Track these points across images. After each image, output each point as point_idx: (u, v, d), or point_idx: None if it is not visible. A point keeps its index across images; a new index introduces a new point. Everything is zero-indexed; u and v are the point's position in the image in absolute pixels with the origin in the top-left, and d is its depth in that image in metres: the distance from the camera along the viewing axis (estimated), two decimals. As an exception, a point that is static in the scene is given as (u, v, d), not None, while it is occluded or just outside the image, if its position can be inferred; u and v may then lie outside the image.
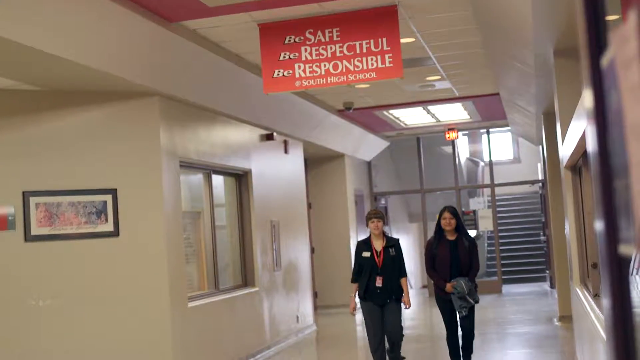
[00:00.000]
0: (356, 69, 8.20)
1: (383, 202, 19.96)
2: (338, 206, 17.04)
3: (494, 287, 18.64)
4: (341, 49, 8.23)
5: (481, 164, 23.75)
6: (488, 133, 19.70)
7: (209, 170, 10.63)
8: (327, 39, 8.27)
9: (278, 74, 8.36)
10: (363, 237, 9.11)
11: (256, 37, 8.48)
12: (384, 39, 8.12)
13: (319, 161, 16.95)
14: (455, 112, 16.14)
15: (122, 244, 8.62)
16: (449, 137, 18.05)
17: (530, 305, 16.37)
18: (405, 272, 8.60)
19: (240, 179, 11.72)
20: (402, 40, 8.50)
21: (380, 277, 8.40)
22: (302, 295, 13.74)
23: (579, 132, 5.75)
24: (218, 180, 11.21)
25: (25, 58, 6.89)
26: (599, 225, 1.34)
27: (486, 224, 19.34)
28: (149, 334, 8.67)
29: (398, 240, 8.75)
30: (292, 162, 13.81)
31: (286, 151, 13.37)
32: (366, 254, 8.51)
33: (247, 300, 11.21)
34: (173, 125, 9.22)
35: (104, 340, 8.47)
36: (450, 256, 8.63)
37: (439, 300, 8.79)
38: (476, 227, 19.12)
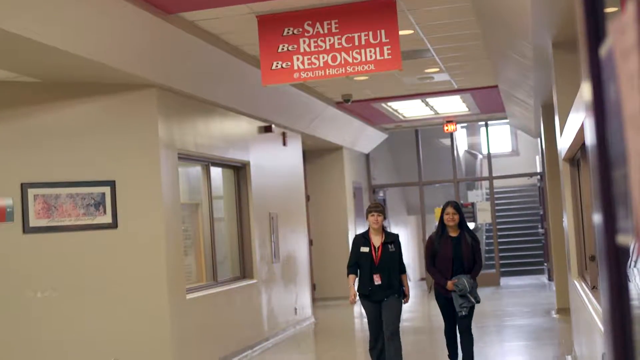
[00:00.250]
0: (355, 61, 8.19)
1: (381, 194, 19.97)
2: (336, 199, 17.06)
3: (492, 279, 18.67)
4: (340, 41, 8.22)
5: (479, 156, 23.77)
6: (486, 125, 19.71)
7: (207, 162, 10.63)
8: (326, 31, 8.26)
9: (276, 66, 8.35)
10: (361, 231, 8.96)
11: (255, 29, 8.47)
12: (383, 31, 8.11)
13: (317, 153, 16.95)
14: (453, 105, 16.13)
15: (120, 235, 8.62)
16: (447, 130, 18.05)
17: (528, 297, 16.40)
18: (404, 269, 8.29)
19: (239, 171, 11.71)
20: (401, 32, 8.49)
21: (377, 275, 8.06)
22: (301, 287, 13.75)
23: (577, 124, 5.75)
24: (216, 172, 11.21)
25: (23, 50, 6.88)
26: (597, 215, 1.34)
27: (484, 216, 19.37)
28: (147, 326, 8.68)
29: (398, 235, 8.42)
30: (291, 155, 13.80)
31: (284, 143, 13.36)
32: (364, 249, 8.17)
33: (246, 292, 11.22)
34: (171, 117, 9.22)
35: (102, 332, 8.48)
36: (453, 253, 8.35)
37: (439, 299, 8.50)
38: (474, 220, 19.13)
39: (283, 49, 8.33)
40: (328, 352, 11.57)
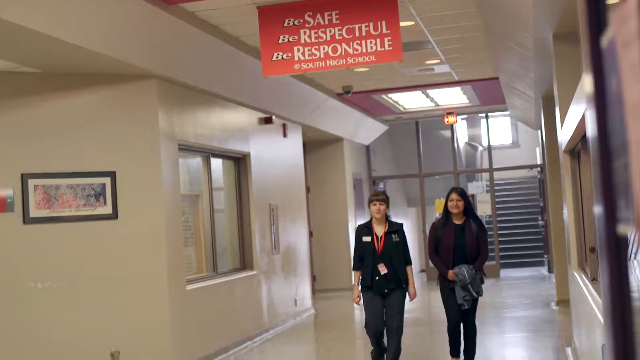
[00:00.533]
0: (355, 52, 8.17)
1: (382, 186, 19.98)
2: (336, 190, 17.06)
3: (492, 271, 18.68)
4: (340, 32, 8.20)
5: (480, 148, 23.76)
6: (487, 117, 19.70)
7: (207, 154, 10.63)
8: (327, 22, 8.24)
9: (277, 57, 8.34)
10: (363, 221, 8.82)
11: (255, 20, 8.45)
12: (384, 22, 8.09)
13: (317, 145, 16.94)
14: (454, 96, 16.12)
15: (120, 226, 8.62)
16: (447, 122, 18.03)
17: (528, 289, 16.42)
18: (410, 260, 7.93)
19: (239, 162, 11.71)
20: (402, 23, 8.48)
21: (381, 265, 7.71)
22: (301, 278, 13.76)
23: (578, 116, 5.75)
24: (217, 163, 11.21)
25: (24, 40, 6.87)
26: (598, 205, 1.34)
27: (485, 208, 19.38)
28: (147, 316, 8.69)
29: (402, 225, 8.04)
30: (291, 146, 13.80)
31: (285, 135, 13.36)
32: (366, 239, 7.83)
33: (246, 283, 11.23)
34: (172, 108, 9.21)
35: (102, 322, 8.49)
36: (455, 241, 8.00)
37: (442, 290, 8.13)
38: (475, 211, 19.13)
39: (284, 40, 8.32)
40: (328, 343, 11.59)
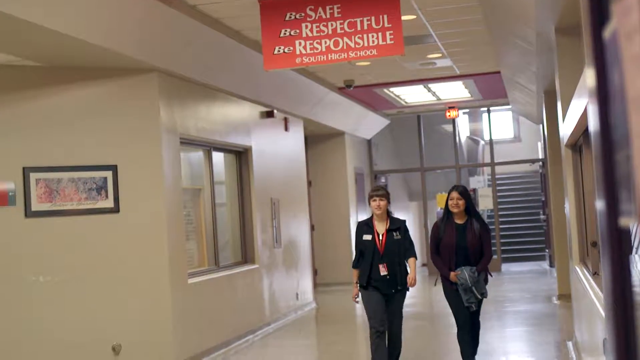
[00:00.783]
0: (357, 46, 8.16)
1: (383, 180, 19.97)
2: (338, 184, 17.06)
3: (494, 265, 18.66)
4: (342, 26, 8.19)
5: (481, 142, 23.74)
6: (489, 111, 19.69)
7: (209, 147, 10.63)
8: (328, 16, 8.22)
9: (278, 51, 8.33)
10: (364, 217, 8.66)
11: (257, 14, 8.44)
12: (385, 16, 8.08)
13: (319, 139, 16.94)
14: (456, 91, 16.11)
15: (122, 220, 8.63)
16: (449, 116, 18.02)
17: (530, 283, 16.43)
18: (414, 253, 7.60)
19: (241, 156, 11.71)
20: (403, 17, 8.46)
21: (383, 265, 7.41)
22: (302, 272, 13.77)
23: (579, 111, 5.74)
24: (218, 157, 11.21)
25: (25, 33, 6.86)
26: (600, 198, 1.34)
27: (486, 202, 19.37)
28: (148, 310, 8.70)
29: (404, 222, 7.70)
30: (293, 140, 13.80)
31: (286, 128, 13.35)
32: (367, 237, 7.51)
33: (247, 277, 11.24)
34: (173, 101, 9.21)
35: (104, 316, 8.50)
36: (456, 241, 7.70)
37: (446, 291, 7.83)
38: (476, 206, 19.14)
39: (285, 33, 8.30)
40: (329, 337, 11.60)
